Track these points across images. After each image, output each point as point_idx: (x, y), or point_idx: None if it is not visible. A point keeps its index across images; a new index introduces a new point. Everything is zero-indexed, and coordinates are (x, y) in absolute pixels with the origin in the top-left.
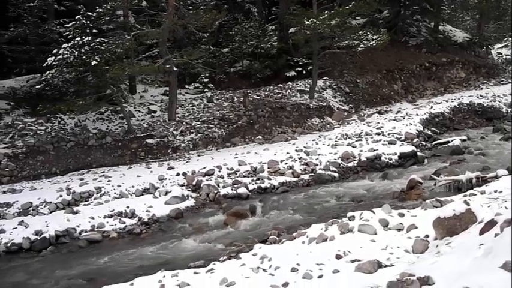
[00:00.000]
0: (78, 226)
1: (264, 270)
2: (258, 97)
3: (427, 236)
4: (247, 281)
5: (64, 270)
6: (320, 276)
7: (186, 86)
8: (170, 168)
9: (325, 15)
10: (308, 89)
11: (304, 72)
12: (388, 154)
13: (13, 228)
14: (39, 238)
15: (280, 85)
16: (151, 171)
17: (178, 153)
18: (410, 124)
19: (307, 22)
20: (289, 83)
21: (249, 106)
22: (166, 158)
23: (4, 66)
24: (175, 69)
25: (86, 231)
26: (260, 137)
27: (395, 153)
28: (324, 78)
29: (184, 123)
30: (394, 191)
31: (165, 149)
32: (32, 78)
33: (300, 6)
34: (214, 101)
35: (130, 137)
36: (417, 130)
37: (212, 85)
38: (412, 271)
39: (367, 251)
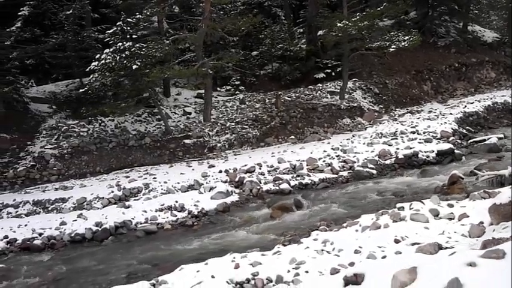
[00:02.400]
0: (133, 218)
1: (328, 252)
2: (289, 98)
3: (481, 223)
4: (315, 261)
5: (128, 257)
6: (384, 257)
7: (218, 89)
8: (211, 166)
9: (357, 17)
10: (338, 90)
11: (333, 73)
12: (425, 152)
13: (73, 221)
14: (100, 229)
15: (310, 86)
16: (192, 169)
17: (214, 153)
18: (445, 123)
19: (339, 24)
20: (319, 84)
21: (281, 107)
22: (204, 157)
23: (41, 72)
24: (210, 72)
25: (141, 223)
26: (293, 137)
27: (433, 151)
28: (354, 79)
29: (219, 124)
30: (436, 186)
31: (201, 149)
32: (71, 83)
33: (328, 9)
34: (247, 103)
35: (168, 137)
36: (452, 129)
37: (243, 87)
38: None
39: (424, 236)
